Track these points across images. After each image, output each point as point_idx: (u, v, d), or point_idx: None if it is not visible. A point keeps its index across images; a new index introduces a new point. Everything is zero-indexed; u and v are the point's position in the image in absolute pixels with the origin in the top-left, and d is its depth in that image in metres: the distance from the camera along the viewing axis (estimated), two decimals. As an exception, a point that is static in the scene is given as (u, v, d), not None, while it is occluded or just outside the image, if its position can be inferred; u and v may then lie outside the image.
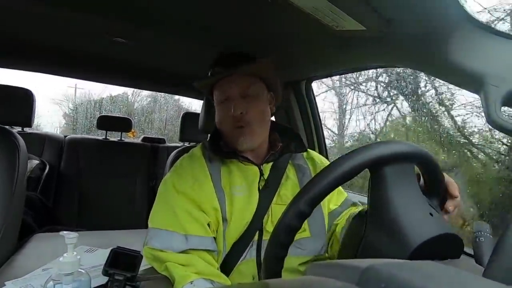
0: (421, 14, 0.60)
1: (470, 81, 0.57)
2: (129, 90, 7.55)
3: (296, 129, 1.41)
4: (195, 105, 8.54)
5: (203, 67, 0.82)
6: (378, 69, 2.16)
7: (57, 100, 7.65)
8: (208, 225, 0.73)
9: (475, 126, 1.64)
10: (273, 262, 0.41)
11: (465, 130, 1.70)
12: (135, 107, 7.63)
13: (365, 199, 1.15)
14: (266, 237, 0.74)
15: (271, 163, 0.80)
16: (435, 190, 0.48)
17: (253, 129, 0.75)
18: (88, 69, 1.60)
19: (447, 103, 1.83)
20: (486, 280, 0.23)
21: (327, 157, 1.46)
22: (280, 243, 0.40)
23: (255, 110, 0.75)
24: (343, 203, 0.85)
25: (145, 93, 7.62)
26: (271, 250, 0.41)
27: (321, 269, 0.27)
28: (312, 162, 0.87)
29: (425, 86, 2.00)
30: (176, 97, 7.59)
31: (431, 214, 0.41)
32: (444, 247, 0.40)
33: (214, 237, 0.74)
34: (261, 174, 0.78)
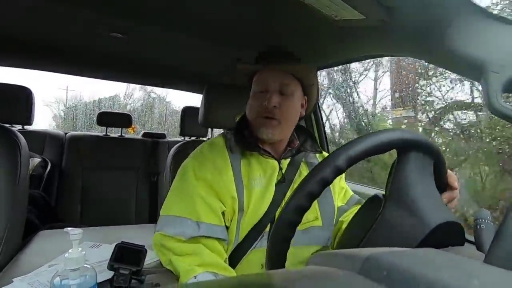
0: (421, 2, 0.59)
1: (471, 68, 0.56)
2: (121, 92, 7.58)
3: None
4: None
5: (202, 62, 0.82)
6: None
7: (47, 102, 7.62)
8: (223, 214, 0.74)
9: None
10: (279, 242, 0.43)
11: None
12: (127, 108, 7.59)
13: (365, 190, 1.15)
14: None
15: (288, 159, 0.83)
16: (440, 186, 0.50)
17: (280, 124, 0.78)
18: (86, 65, 1.59)
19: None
20: (487, 266, 0.23)
21: (328, 152, 1.46)
22: (289, 222, 0.41)
23: (287, 108, 0.78)
24: (349, 201, 0.89)
25: (137, 95, 7.62)
26: (279, 230, 0.42)
27: (323, 258, 0.27)
28: (321, 156, 0.89)
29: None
30: (168, 99, 7.71)
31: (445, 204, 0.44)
32: (451, 235, 0.41)
33: (227, 226, 0.75)
34: (280, 168, 0.81)
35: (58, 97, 7.66)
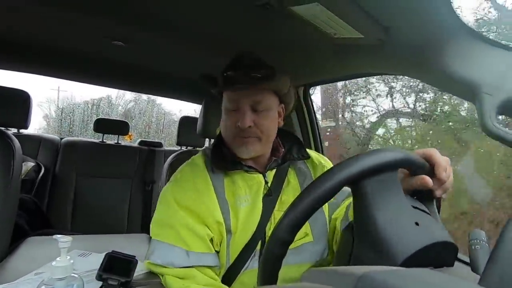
0: (418, 23, 0.61)
1: (465, 89, 0.58)
2: (113, 93, 7.51)
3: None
4: (175, 110, 8.58)
5: (203, 71, 0.82)
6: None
7: (38, 102, 7.57)
8: (211, 240, 0.71)
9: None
10: (271, 262, 0.41)
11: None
12: (118, 110, 7.55)
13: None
14: None
15: (274, 170, 0.79)
16: (426, 190, 0.47)
17: (259, 141, 0.74)
18: (88, 72, 1.60)
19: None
20: (482, 288, 0.23)
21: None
22: (274, 256, 0.41)
23: (263, 124, 0.73)
24: (339, 194, 0.84)
25: (128, 97, 7.61)
26: (271, 249, 0.41)
27: (317, 275, 0.27)
28: (312, 164, 0.85)
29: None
30: (158, 101, 7.65)
31: (416, 224, 0.39)
32: (436, 255, 0.40)
33: (217, 251, 0.72)
34: (266, 182, 0.77)
35: (49, 97, 7.64)
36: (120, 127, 2.07)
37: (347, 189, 0.84)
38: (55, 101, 7.60)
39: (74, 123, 6.87)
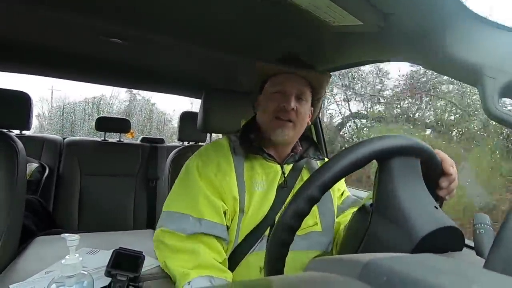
0: (418, 8, 0.60)
1: (468, 73, 0.57)
2: (107, 92, 7.49)
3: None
4: (169, 109, 8.58)
5: (201, 67, 0.82)
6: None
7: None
8: (225, 213, 0.74)
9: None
10: (278, 247, 0.42)
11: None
12: (113, 108, 7.52)
13: (360, 194, 1.15)
14: None
15: (291, 165, 0.84)
16: (436, 181, 0.49)
17: (294, 127, 0.79)
18: (87, 70, 1.60)
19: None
20: (487, 271, 0.23)
21: (326, 155, 1.46)
22: (288, 227, 0.41)
23: (302, 112, 0.79)
24: (344, 201, 0.89)
25: (122, 96, 7.59)
26: (278, 234, 0.42)
27: (323, 264, 0.27)
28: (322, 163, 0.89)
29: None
30: (153, 101, 7.64)
31: (436, 208, 0.42)
32: (446, 240, 0.40)
33: (228, 226, 0.75)
34: (283, 173, 0.81)
35: (42, 97, 7.59)
36: (121, 124, 2.07)
37: (352, 197, 0.86)
38: (48, 100, 7.57)
39: (65, 122, 6.84)
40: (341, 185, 0.91)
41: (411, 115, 3.46)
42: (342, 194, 0.90)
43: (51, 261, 0.81)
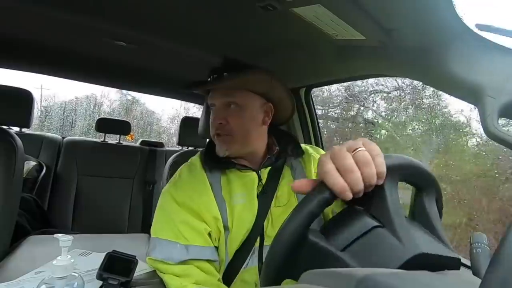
0: (420, 26, 0.61)
1: (468, 92, 0.57)
2: (97, 92, 7.33)
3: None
4: (158, 110, 8.54)
5: (204, 73, 0.82)
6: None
7: None
8: (210, 234, 0.72)
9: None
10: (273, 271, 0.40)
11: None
12: (103, 108, 7.40)
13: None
14: (267, 243, 0.74)
15: (269, 168, 0.81)
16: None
17: (233, 139, 0.76)
18: (89, 72, 1.61)
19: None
20: (483, 292, 0.23)
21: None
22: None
23: (236, 121, 0.76)
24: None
25: (112, 96, 7.45)
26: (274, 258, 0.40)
27: (316, 277, 0.27)
28: (302, 159, 0.85)
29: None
30: (142, 101, 7.55)
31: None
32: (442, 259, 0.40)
33: (216, 247, 0.74)
34: (260, 179, 0.78)
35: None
36: (121, 126, 2.08)
37: None
38: (36, 99, 7.50)
39: (53, 120, 6.77)
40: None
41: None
42: None
43: (43, 261, 0.80)
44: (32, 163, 1.64)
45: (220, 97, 0.78)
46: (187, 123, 1.80)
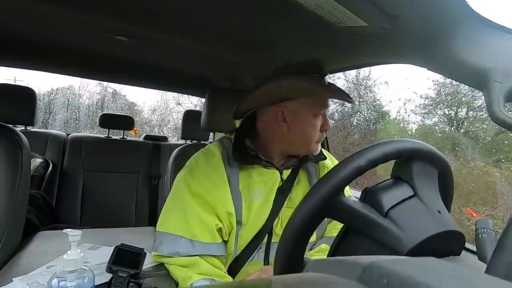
0: (425, 11, 0.59)
1: (474, 77, 0.56)
2: (75, 83, 7.14)
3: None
4: (140, 102, 8.49)
5: (206, 66, 0.82)
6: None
7: None
8: (220, 229, 0.72)
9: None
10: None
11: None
12: (82, 101, 7.20)
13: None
14: (275, 240, 0.74)
15: (290, 169, 0.81)
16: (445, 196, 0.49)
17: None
18: (90, 67, 1.61)
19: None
20: (488, 276, 0.23)
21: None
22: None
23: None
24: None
25: (92, 88, 7.22)
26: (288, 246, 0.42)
27: (322, 265, 0.27)
28: (320, 165, 0.87)
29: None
30: (123, 93, 7.45)
31: (439, 212, 0.42)
32: (447, 244, 0.40)
33: (225, 241, 0.74)
34: (282, 179, 0.78)
35: None
36: (125, 122, 2.08)
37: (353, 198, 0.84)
38: None
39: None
40: None
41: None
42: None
43: (53, 256, 0.81)
44: (38, 160, 1.66)
45: (327, 104, 0.77)
46: (190, 116, 1.80)
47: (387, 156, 0.41)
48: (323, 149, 0.90)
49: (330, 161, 0.89)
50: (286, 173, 0.80)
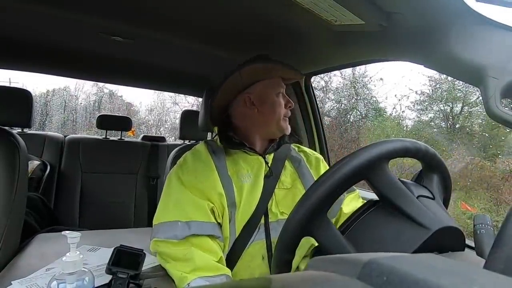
0: (420, 8, 0.60)
1: (470, 73, 0.57)
2: (71, 84, 7.08)
3: (296, 125, 1.41)
4: (136, 102, 8.46)
5: (203, 65, 0.83)
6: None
7: None
8: (213, 210, 0.75)
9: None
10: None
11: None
12: (78, 102, 7.15)
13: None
14: (272, 219, 0.80)
15: (272, 154, 0.88)
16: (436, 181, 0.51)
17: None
18: (86, 68, 1.60)
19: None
20: (487, 272, 0.23)
21: (327, 153, 1.46)
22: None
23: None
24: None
25: (87, 88, 7.14)
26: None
27: (322, 263, 0.27)
28: (304, 154, 0.96)
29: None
30: (119, 93, 7.39)
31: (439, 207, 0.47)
32: (447, 240, 0.41)
33: (219, 223, 0.76)
34: (266, 163, 0.85)
35: None
36: (122, 123, 2.08)
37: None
38: None
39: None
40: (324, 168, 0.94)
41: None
42: None
43: (52, 258, 0.81)
44: (36, 162, 1.65)
45: (285, 83, 0.87)
46: (188, 116, 1.80)
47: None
48: (302, 146, 0.99)
49: (308, 150, 0.98)
50: (269, 158, 0.87)
